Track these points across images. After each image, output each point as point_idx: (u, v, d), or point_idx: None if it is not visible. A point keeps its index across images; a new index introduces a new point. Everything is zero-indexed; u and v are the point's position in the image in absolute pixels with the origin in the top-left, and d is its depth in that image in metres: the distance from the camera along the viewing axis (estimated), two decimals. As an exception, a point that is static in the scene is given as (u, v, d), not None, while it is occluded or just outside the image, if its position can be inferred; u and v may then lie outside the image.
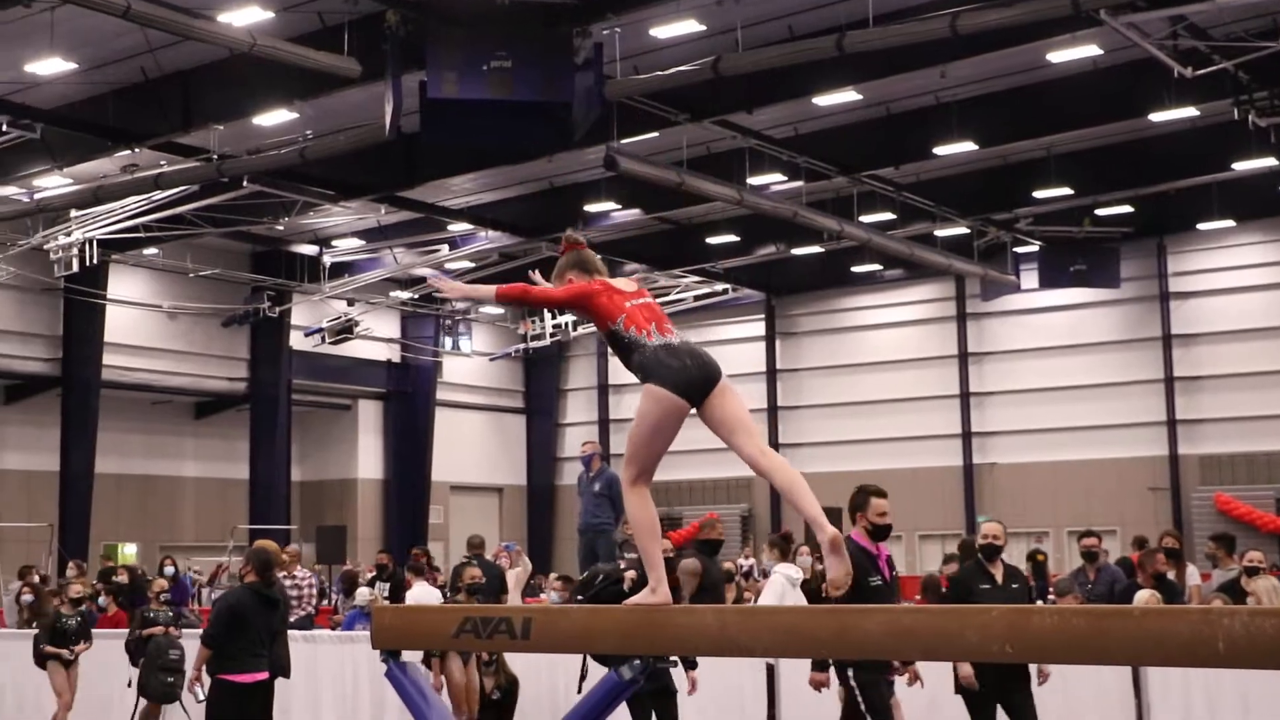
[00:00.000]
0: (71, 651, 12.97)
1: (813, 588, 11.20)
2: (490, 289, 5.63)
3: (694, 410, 5.43)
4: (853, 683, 8.05)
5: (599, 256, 5.86)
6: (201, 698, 9.75)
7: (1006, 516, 31.22)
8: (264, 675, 9.43)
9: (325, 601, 19.30)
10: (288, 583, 13.97)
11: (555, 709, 10.89)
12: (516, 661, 11.48)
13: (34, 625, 14.72)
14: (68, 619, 13.21)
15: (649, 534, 5.46)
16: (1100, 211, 29.15)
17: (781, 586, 10.25)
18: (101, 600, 16.75)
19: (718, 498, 35.94)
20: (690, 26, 19.23)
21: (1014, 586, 9.02)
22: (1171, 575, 11.60)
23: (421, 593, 13.01)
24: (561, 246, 5.87)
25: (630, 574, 8.29)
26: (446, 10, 16.69)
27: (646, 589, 5.43)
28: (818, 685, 8.53)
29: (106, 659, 13.00)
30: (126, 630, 13.27)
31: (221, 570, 25.97)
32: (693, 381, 5.34)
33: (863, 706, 7.98)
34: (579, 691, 7.83)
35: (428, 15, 16.80)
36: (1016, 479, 32.78)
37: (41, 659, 13.02)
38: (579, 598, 8.61)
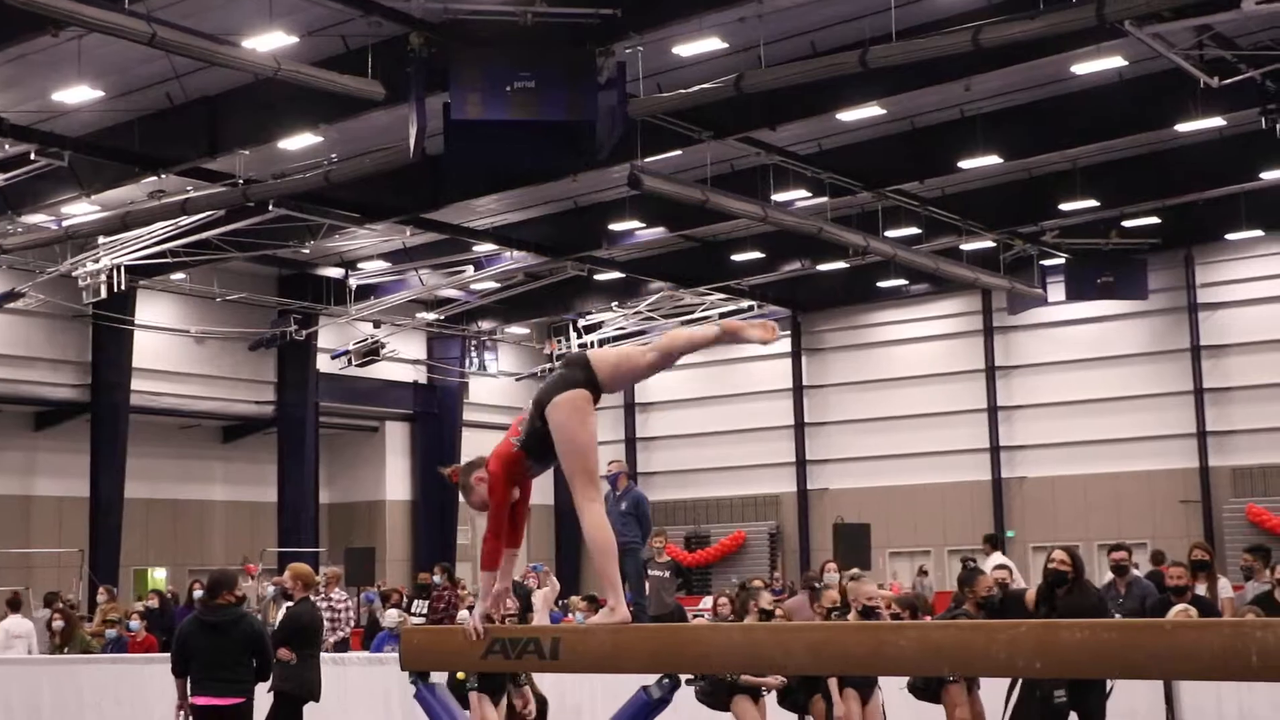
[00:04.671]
0: None
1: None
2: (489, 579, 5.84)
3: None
4: None
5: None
6: None
7: (1036, 531, 31.23)
8: (220, 700, 9.44)
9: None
10: (322, 605, 13.99)
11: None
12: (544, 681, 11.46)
13: (65, 650, 14.81)
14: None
15: (607, 552, 5.57)
16: (1127, 223, 29.04)
17: None
18: (133, 624, 16.80)
19: (745, 515, 35.89)
20: (713, 44, 19.26)
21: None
22: (1202, 588, 11.50)
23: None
24: (450, 477, 6.17)
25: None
26: (469, 32, 16.75)
27: (606, 609, 5.50)
28: None
29: (137, 681, 13.03)
30: (155, 654, 13.30)
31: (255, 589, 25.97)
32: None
33: None
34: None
35: (451, 37, 16.87)
36: (1045, 493, 32.63)
37: None
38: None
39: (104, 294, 25.27)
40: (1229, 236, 30.32)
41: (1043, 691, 8.78)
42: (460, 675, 9.87)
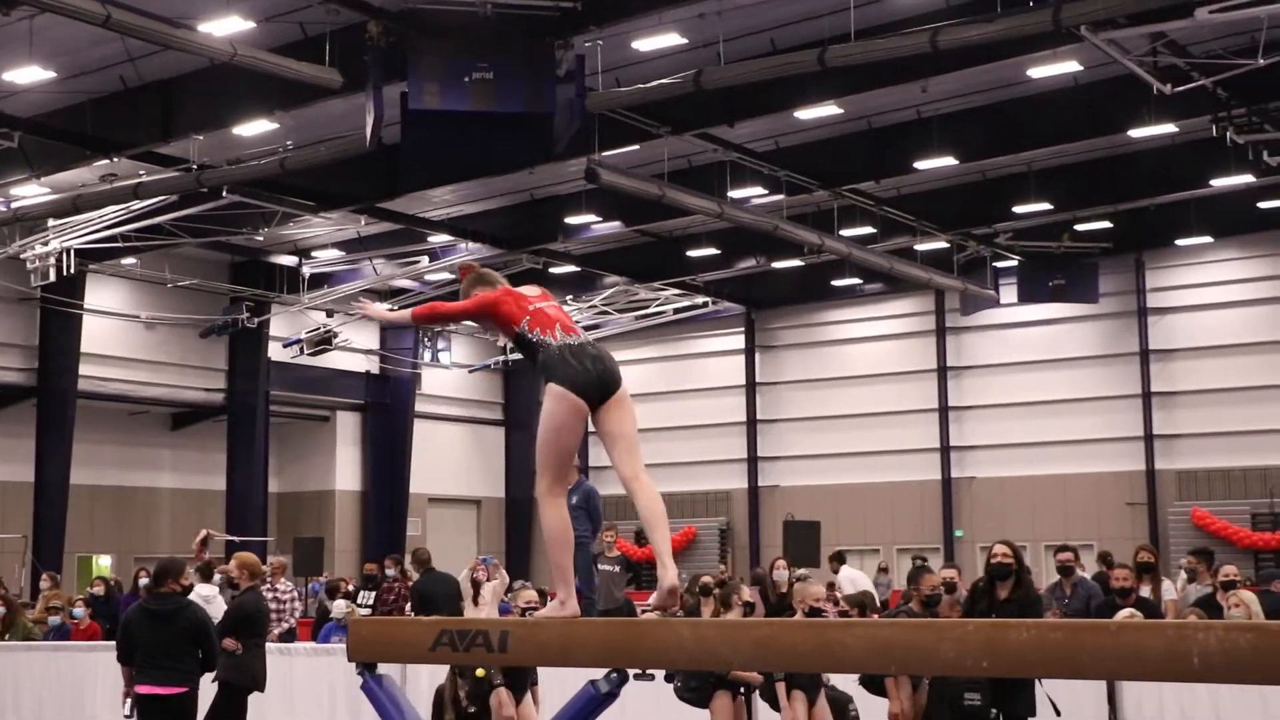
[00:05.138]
0: None
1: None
2: (406, 313, 5.86)
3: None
4: None
5: (499, 272, 6.03)
6: (126, 713, 9.83)
7: (984, 531, 31.38)
8: (162, 689, 9.42)
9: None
10: (268, 595, 13.91)
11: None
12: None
13: (6, 637, 14.67)
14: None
15: (562, 546, 5.56)
16: (1079, 227, 29.26)
17: None
18: (78, 612, 16.66)
19: (696, 511, 35.93)
20: (672, 40, 19.26)
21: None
22: (1147, 590, 11.62)
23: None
24: (459, 273, 6.08)
25: None
26: (428, 21, 16.68)
27: (555, 602, 5.51)
28: None
29: (80, 669, 12.92)
30: (99, 642, 13.20)
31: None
32: (590, 383, 5.51)
33: None
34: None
35: (409, 26, 16.80)
36: (994, 493, 32.84)
37: None
38: None
39: (53, 277, 25.00)
40: (1179, 242, 30.60)
41: (951, 692, 8.83)
42: (480, 672, 9.71)
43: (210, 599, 15.13)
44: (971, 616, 9.00)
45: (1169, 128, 23.14)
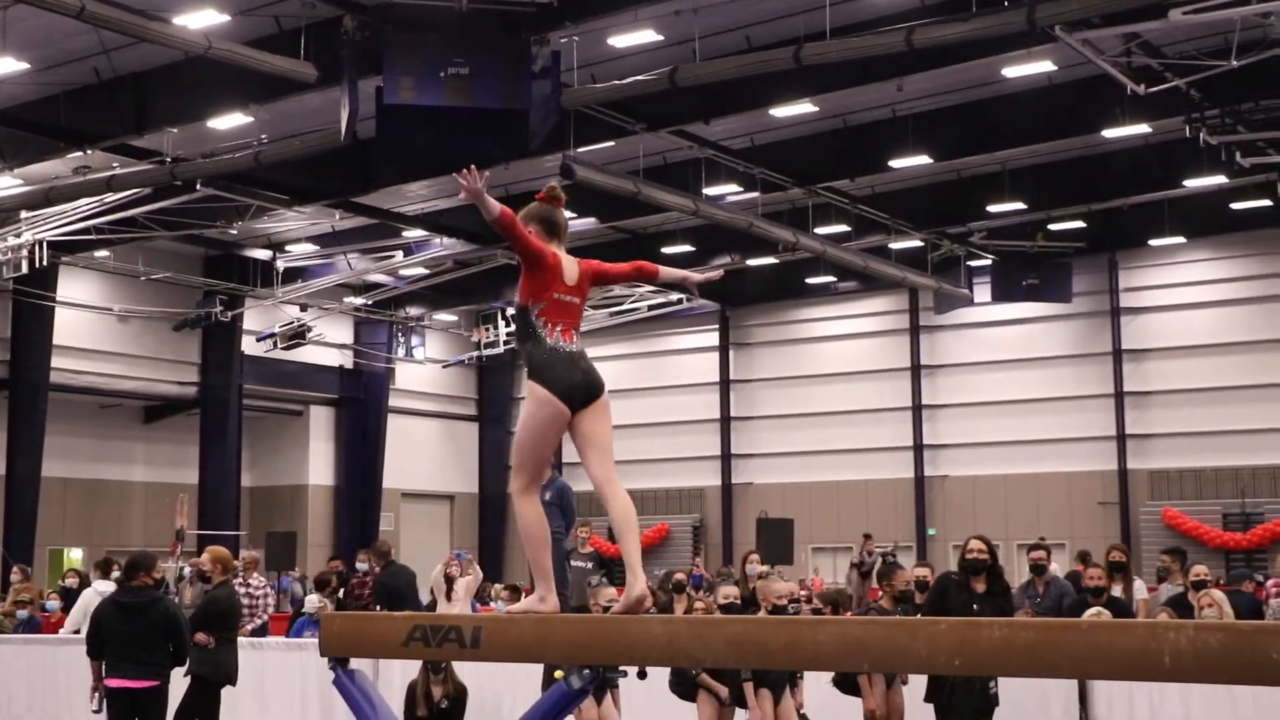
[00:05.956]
0: None
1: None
2: (497, 207, 5.60)
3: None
4: None
5: (568, 222, 5.98)
6: (94, 708, 9.80)
7: (956, 529, 31.49)
8: (133, 682, 9.42)
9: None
10: (241, 590, 13.86)
11: (503, 718, 10.85)
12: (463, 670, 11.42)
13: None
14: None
15: (540, 544, 5.61)
16: (1053, 226, 29.38)
17: None
18: (50, 604, 16.57)
19: (670, 508, 35.95)
20: (648, 36, 19.26)
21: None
22: (1119, 589, 11.67)
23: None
24: (541, 193, 5.96)
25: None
26: (404, 16, 16.65)
27: (534, 596, 5.52)
28: None
29: (50, 662, 12.86)
30: (70, 635, 13.14)
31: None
32: (575, 389, 5.56)
33: None
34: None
35: (385, 21, 16.76)
36: (967, 491, 32.94)
37: None
38: None
39: (25, 269, 24.87)
40: (1152, 242, 30.73)
41: (978, 683, 8.85)
42: (558, 674, 9.62)
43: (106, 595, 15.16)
44: (942, 610, 9.01)
45: (1143, 128, 23.26)
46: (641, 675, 9.55)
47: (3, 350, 28.94)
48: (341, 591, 16.84)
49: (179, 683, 10.14)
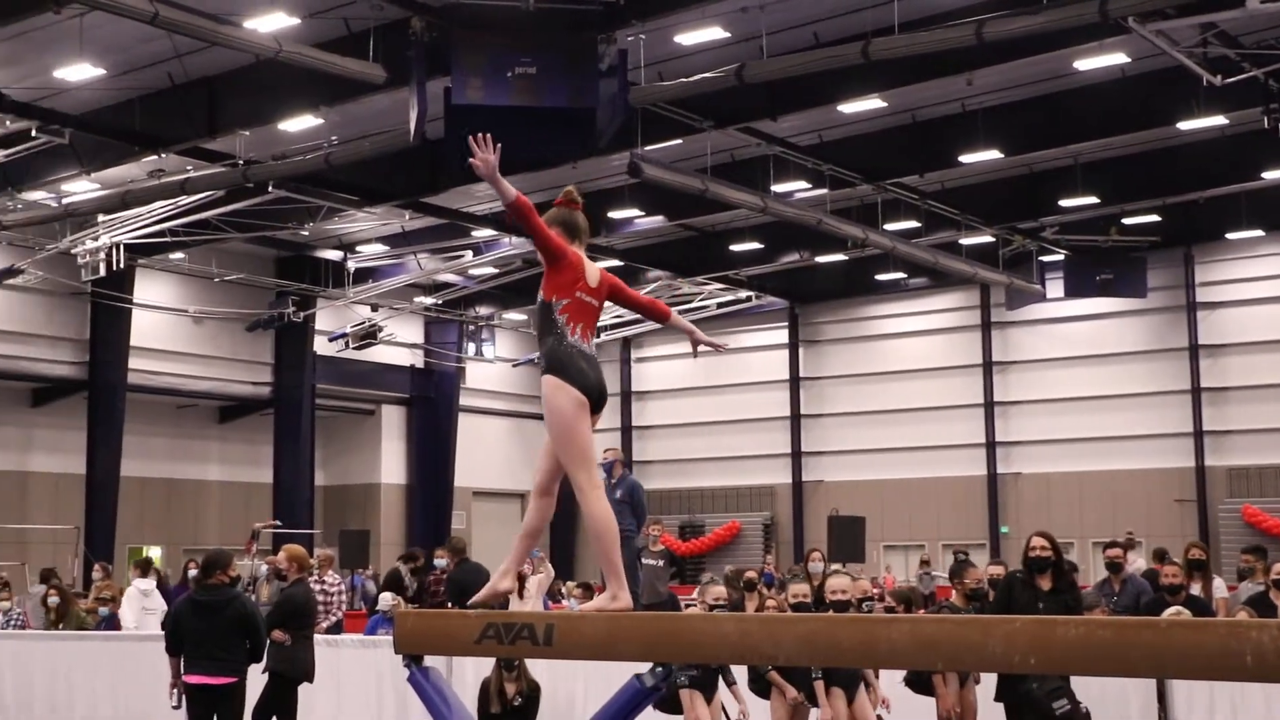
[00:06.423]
0: None
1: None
2: (513, 192, 5.67)
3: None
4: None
5: (588, 225, 6.02)
6: (174, 703, 9.93)
7: (1030, 527, 31.02)
8: (212, 679, 9.52)
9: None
10: (316, 588, 13.97)
11: (576, 716, 10.86)
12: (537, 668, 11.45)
13: (60, 626, 14.81)
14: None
15: (610, 541, 5.65)
16: (1127, 220, 29.04)
17: None
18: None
19: (740, 505, 35.91)
20: (715, 33, 19.23)
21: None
22: (1197, 588, 11.50)
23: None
24: (559, 198, 5.99)
25: None
26: (471, 16, 16.69)
27: (607, 594, 5.53)
28: None
29: (130, 658, 13.03)
30: (149, 632, 13.29)
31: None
32: (592, 388, 5.62)
33: None
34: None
35: (452, 21, 16.82)
36: (1041, 489, 32.65)
37: None
38: None
39: (103, 272, 25.25)
40: (1229, 236, 30.32)
41: (1041, 706, 8.71)
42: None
43: (148, 592, 15.32)
44: (1009, 608, 8.92)
45: (1219, 119, 22.90)
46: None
47: (82, 352, 29.41)
48: (415, 584, 16.89)
49: (258, 680, 10.25)
